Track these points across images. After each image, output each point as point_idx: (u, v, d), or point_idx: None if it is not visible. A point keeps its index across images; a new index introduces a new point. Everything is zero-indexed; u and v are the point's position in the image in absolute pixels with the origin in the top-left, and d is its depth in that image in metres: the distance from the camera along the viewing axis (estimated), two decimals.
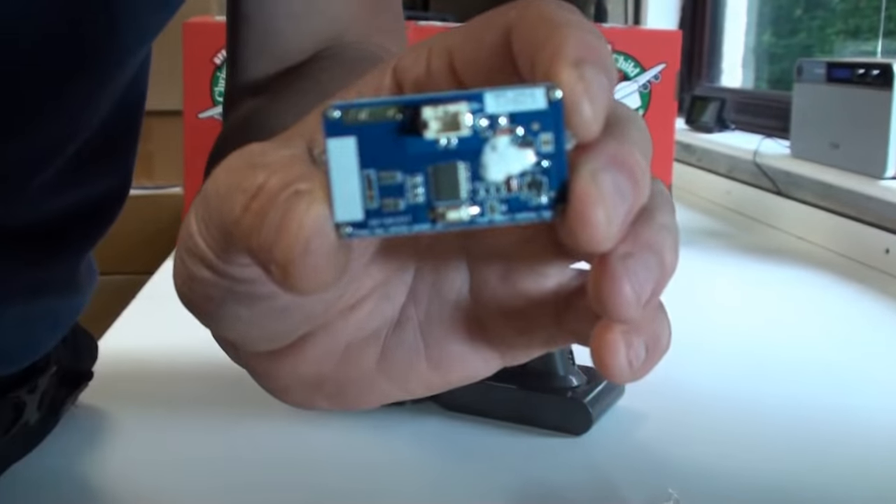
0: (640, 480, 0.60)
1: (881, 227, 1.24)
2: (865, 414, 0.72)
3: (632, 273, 0.22)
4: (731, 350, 0.88)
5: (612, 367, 0.23)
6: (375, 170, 0.21)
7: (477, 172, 0.21)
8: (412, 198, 0.21)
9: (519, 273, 0.27)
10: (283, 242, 0.21)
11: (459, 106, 0.21)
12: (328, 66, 0.49)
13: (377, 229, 0.21)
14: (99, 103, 0.53)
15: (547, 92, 0.21)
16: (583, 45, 0.21)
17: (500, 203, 0.21)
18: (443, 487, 0.59)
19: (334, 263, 0.21)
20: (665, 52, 1.28)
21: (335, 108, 0.21)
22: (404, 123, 0.21)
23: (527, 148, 0.21)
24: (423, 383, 0.29)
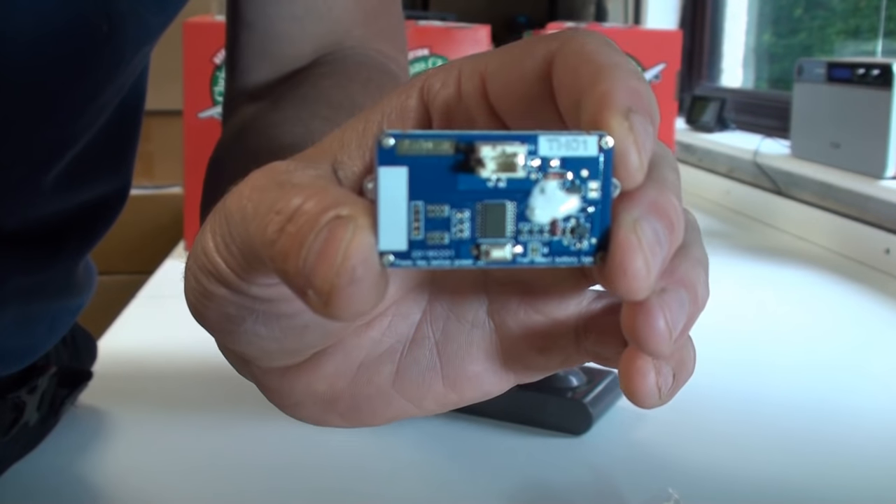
0: (640, 480, 0.60)
1: (881, 227, 1.24)
2: (865, 413, 0.72)
3: (666, 308, 0.22)
4: (731, 350, 0.88)
5: (641, 394, 0.23)
6: (424, 202, 0.21)
7: (523, 213, 0.21)
8: (457, 233, 0.21)
9: (540, 296, 0.27)
10: (324, 269, 0.20)
11: (517, 148, 0.21)
12: (329, 73, 0.48)
13: (420, 261, 0.21)
14: (100, 105, 0.53)
15: (599, 140, 0.21)
16: (631, 92, 0.21)
17: (543, 245, 0.22)
18: (443, 487, 0.59)
19: (375, 292, 0.21)
20: (665, 52, 1.28)
21: (390, 136, 0.21)
22: (459, 160, 0.21)
23: (574, 193, 0.21)
24: (438, 401, 0.28)
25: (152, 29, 0.52)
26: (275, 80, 0.50)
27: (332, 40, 0.51)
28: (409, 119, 0.25)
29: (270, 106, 0.47)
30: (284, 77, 0.50)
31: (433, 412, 0.28)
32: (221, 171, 0.45)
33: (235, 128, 0.49)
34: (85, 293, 0.64)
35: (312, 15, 0.51)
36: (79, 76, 0.49)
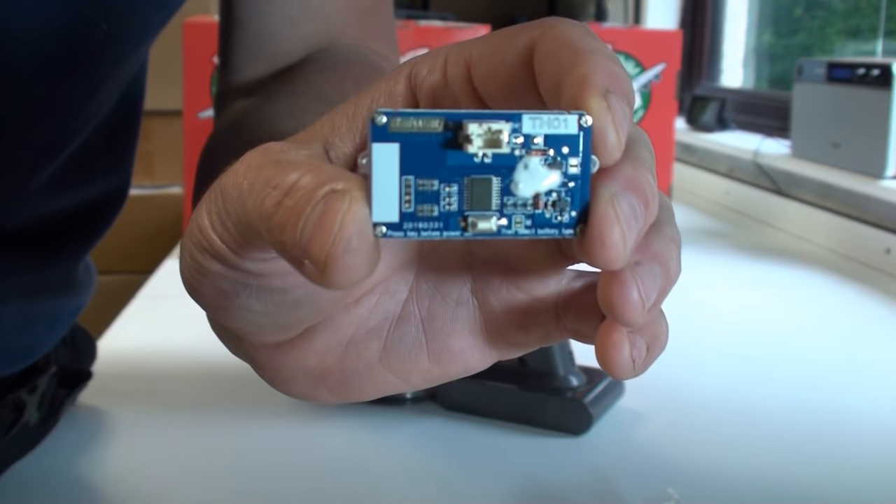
0: (640, 480, 0.60)
1: (881, 227, 1.24)
2: (865, 413, 0.72)
3: (639, 281, 0.24)
4: (731, 350, 0.88)
5: (616, 364, 0.25)
6: (415, 176, 0.22)
7: (508, 188, 0.23)
8: (446, 206, 0.23)
9: (521, 275, 0.28)
10: (321, 239, 0.21)
11: (503, 125, 0.22)
12: (321, 68, 0.49)
13: (410, 232, 0.23)
14: (99, 101, 0.53)
15: (579, 119, 0.22)
16: (609, 74, 0.23)
17: (526, 218, 0.23)
18: (443, 487, 0.59)
19: (369, 261, 0.22)
20: (665, 52, 1.28)
21: (382, 114, 0.22)
22: (448, 137, 0.22)
23: (555, 169, 0.23)
24: (424, 376, 0.29)
25: (151, 27, 0.52)
26: (267, 75, 0.51)
27: (325, 39, 0.51)
28: (397, 103, 0.26)
29: (263, 100, 0.48)
30: (277, 73, 0.51)
31: (419, 387, 0.29)
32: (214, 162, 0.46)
33: (228, 121, 0.49)
34: (85, 293, 0.64)
35: (306, 15, 0.51)
36: (78, 74, 0.49)
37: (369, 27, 0.54)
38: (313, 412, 0.70)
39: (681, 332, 0.94)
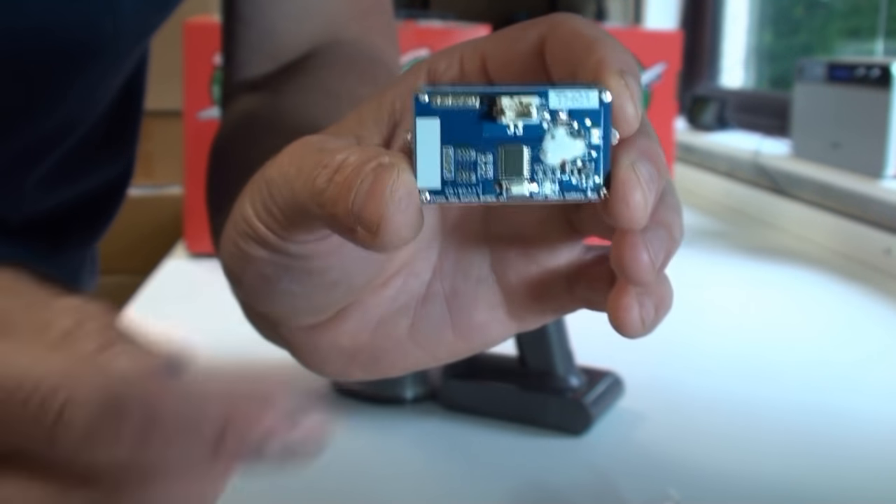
0: (640, 480, 0.60)
1: (881, 227, 1.24)
2: (865, 414, 0.72)
3: (649, 243, 0.26)
4: (731, 350, 0.88)
5: (627, 324, 0.27)
6: (454, 147, 0.25)
7: (537, 156, 0.25)
8: (483, 172, 0.25)
9: (536, 250, 0.30)
10: (373, 204, 0.24)
11: (532, 98, 0.25)
12: (325, 64, 0.50)
13: (451, 196, 0.25)
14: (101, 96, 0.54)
15: (599, 94, 0.25)
16: (621, 58, 0.25)
17: (554, 183, 0.25)
18: (443, 487, 0.59)
19: (416, 223, 0.25)
20: (665, 52, 1.28)
21: (425, 91, 0.25)
22: (483, 110, 0.25)
23: (579, 139, 0.25)
24: (450, 350, 0.31)
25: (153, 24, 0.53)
26: (272, 71, 0.51)
27: (328, 35, 0.52)
28: None
29: (272, 96, 0.49)
30: (282, 68, 0.51)
31: (445, 360, 0.32)
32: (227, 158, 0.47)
33: (237, 117, 0.50)
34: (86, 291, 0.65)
35: (309, 13, 0.52)
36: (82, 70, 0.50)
37: (370, 24, 0.55)
38: None
39: (681, 332, 0.94)
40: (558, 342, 0.68)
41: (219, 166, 0.48)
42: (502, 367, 0.71)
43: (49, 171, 0.54)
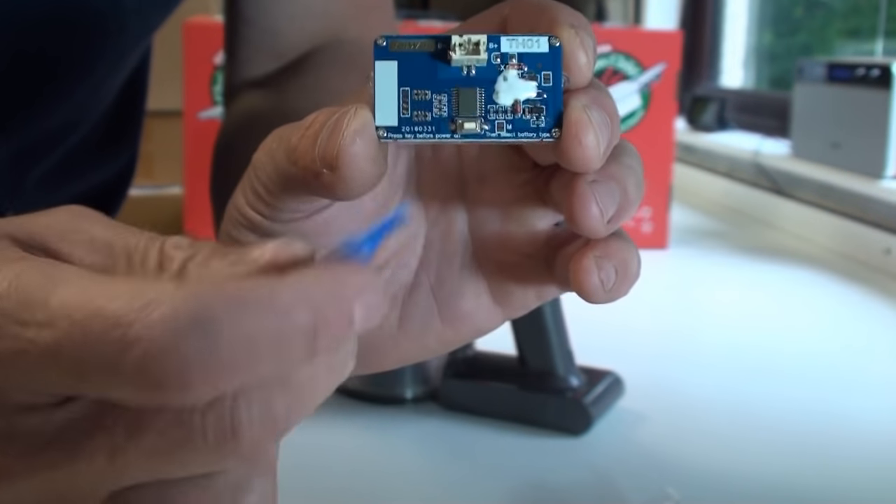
0: (640, 480, 0.60)
1: (881, 227, 1.24)
2: (865, 414, 0.72)
3: (597, 194, 0.27)
4: (731, 350, 0.88)
5: (586, 286, 0.28)
6: (411, 88, 0.26)
7: (490, 97, 0.26)
8: (437, 112, 0.26)
9: (513, 232, 0.31)
10: (332, 141, 0.25)
11: (481, 36, 0.26)
12: (327, 62, 0.51)
13: (407, 134, 0.26)
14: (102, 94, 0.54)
15: (549, 39, 0.26)
16: (573, 15, 0.26)
17: (507, 123, 0.27)
18: (443, 487, 0.59)
19: (376, 161, 0.25)
20: (665, 52, 1.28)
21: (384, 37, 0.26)
22: (437, 52, 0.26)
23: (531, 81, 0.26)
24: (439, 339, 0.32)
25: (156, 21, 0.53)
26: (275, 69, 0.52)
27: (329, 34, 0.53)
28: None
29: (275, 95, 0.49)
30: (284, 66, 0.52)
31: (436, 352, 0.32)
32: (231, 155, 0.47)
33: (241, 114, 0.51)
34: None
35: (311, 13, 0.52)
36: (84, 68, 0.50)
37: (371, 22, 0.55)
38: None
39: (681, 332, 0.94)
40: (558, 342, 0.68)
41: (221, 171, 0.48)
42: (502, 367, 0.71)
43: (51, 170, 0.55)
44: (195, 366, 0.19)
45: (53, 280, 0.21)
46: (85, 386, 0.21)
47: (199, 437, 0.21)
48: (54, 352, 0.20)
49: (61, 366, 0.20)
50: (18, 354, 0.21)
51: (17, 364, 0.21)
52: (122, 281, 0.21)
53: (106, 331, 0.20)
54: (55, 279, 0.21)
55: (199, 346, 0.19)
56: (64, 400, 0.22)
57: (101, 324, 0.20)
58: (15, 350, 0.21)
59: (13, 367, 0.21)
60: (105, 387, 0.20)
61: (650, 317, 0.96)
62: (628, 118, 1.28)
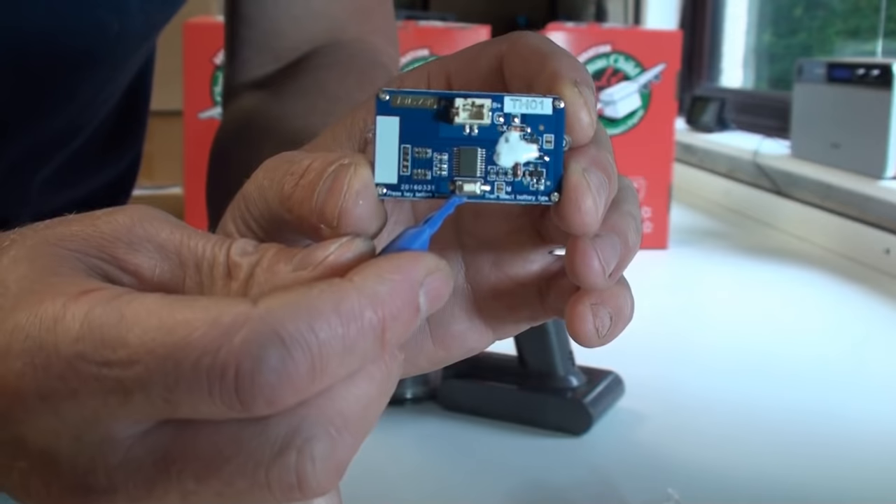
0: (640, 480, 0.60)
1: (881, 227, 1.24)
2: (865, 414, 0.72)
3: (599, 249, 0.27)
4: (731, 350, 0.88)
5: (581, 333, 0.28)
6: (412, 145, 0.26)
7: (491, 158, 0.26)
8: (438, 171, 0.26)
9: (507, 260, 0.31)
10: (333, 199, 0.25)
11: (485, 101, 0.26)
12: (325, 64, 0.51)
13: (406, 192, 0.26)
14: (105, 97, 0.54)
15: (553, 102, 0.26)
16: (576, 69, 0.26)
17: (507, 185, 0.26)
18: (443, 487, 0.59)
19: (375, 216, 0.25)
20: (665, 52, 1.28)
21: (386, 92, 0.26)
22: (440, 111, 0.26)
23: (533, 143, 0.26)
24: (430, 359, 0.32)
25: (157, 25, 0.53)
26: (274, 70, 0.52)
27: (329, 35, 0.53)
28: None
29: (272, 98, 0.49)
30: (283, 67, 0.52)
31: (426, 370, 0.32)
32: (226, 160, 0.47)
33: (238, 117, 0.50)
34: None
35: (311, 14, 0.52)
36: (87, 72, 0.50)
37: (371, 24, 0.55)
38: None
39: (681, 333, 0.94)
40: (558, 342, 0.68)
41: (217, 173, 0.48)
42: (502, 367, 0.71)
43: (56, 172, 0.55)
44: (279, 381, 0.21)
45: (125, 313, 0.22)
46: (173, 413, 0.22)
47: (265, 489, 0.22)
48: (144, 387, 0.21)
49: (150, 399, 0.21)
50: (108, 394, 0.22)
51: (107, 403, 0.22)
52: (194, 304, 0.22)
53: (194, 362, 0.21)
54: (126, 313, 0.22)
55: (281, 363, 0.21)
56: (139, 436, 0.23)
57: (187, 355, 0.21)
58: (104, 390, 0.22)
59: (104, 406, 0.22)
60: (194, 412, 0.22)
61: (650, 317, 0.96)
62: (628, 118, 1.28)
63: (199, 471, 0.22)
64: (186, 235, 0.25)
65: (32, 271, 0.23)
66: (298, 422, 0.22)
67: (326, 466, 0.22)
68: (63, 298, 0.22)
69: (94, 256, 0.25)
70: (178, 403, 0.21)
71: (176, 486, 0.23)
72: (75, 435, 0.22)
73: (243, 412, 0.21)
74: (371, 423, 0.24)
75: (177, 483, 0.23)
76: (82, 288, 0.22)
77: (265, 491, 0.22)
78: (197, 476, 0.22)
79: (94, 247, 0.25)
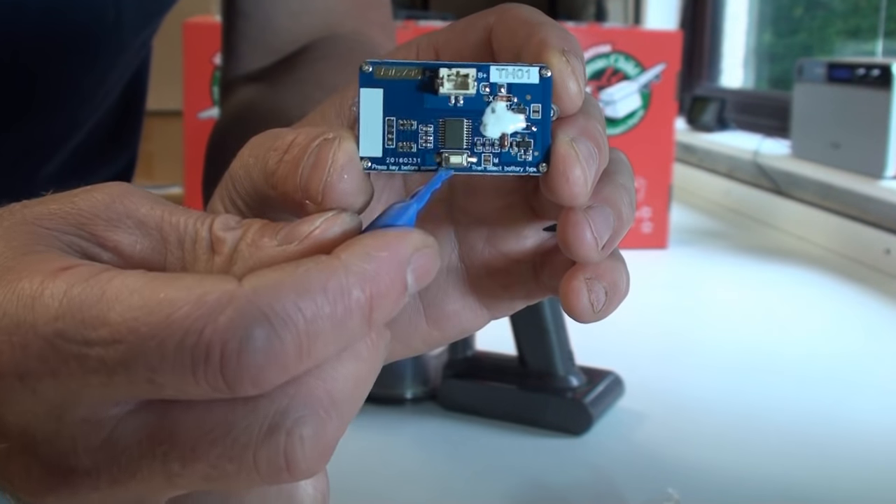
0: (640, 480, 0.60)
1: (881, 227, 1.24)
2: (865, 414, 0.72)
3: (591, 221, 0.26)
4: (731, 350, 0.88)
5: (576, 307, 0.27)
6: (396, 117, 0.25)
7: (477, 129, 0.26)
8: (423, 143, 0.26)
9: (500, 237, 0.31)
10: (317, 174, 0.24)
11: (470, 70, 0.25)
12: (322, 56, 0.51)
13: (392, 166, 0.26)
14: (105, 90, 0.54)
15: (540, 70, 0.25)
16: (563, 38, 0.26)
17: (494, 156, 0.26)
18: (443, 487, 0.59)
19: (360, 191, 0.25)
20: (665, 52, 1.28)
21: (369, 63, 0.25)
22: (424, 81, 0.25)
23: (520, 113, 0.26)
24: (425, 340, 0.32)
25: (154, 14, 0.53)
26: (271, 63, 0.52)
27: (326, 29, 0.53)
28: None
29: (269, 89, 0.49)
30: (281, 60, 0.52)
31: (421, 351, 0.32)
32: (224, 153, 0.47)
33: (235, 110, 0.51)
34: None
35: (308, 7, 0.53)
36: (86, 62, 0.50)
37: (368, 17, 0.55)
38: None
39: (681, 332, 0.94)
40: (558, 342, 0.68)
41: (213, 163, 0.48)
42: (502, 367, 0.71)
43: (58, 169, 0.55)
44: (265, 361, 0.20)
45: (105, 291, 0.21)
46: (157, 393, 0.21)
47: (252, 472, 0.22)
48: (126, 366, 0.21)
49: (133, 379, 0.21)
50: (89, 373, 0.21)
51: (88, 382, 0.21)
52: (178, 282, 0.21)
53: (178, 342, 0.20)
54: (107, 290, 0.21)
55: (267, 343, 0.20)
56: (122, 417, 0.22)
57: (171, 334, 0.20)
58: (85, 370, 0.21)
59: (85, 386, 0.21)
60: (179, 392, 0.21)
61: (650, 317, 0.96)
62: (628, 118, 1.28)
63: (184, 453, 0.22)
64: (168, 211, 0.25)
65: (9, 249, 0.23)
66: (286, 402, 0.22)
67: (315, 447, 0.22)
68: (41, 276, 0.22)
69: (72, 234, 0.24)
70: (162, 384, 0.21)
71: (161, 468, 0.22)
72: (56, 415, 0.22)
73: (229, 393, 0.21)
74: (358, 402, 0.23)
75: (161, 465, 0.22)
76: (61, 265, 0.22)
77: (253, 473, 0.22)
78: (183, 458, 0.22)
79: (72, 224, 0.24)
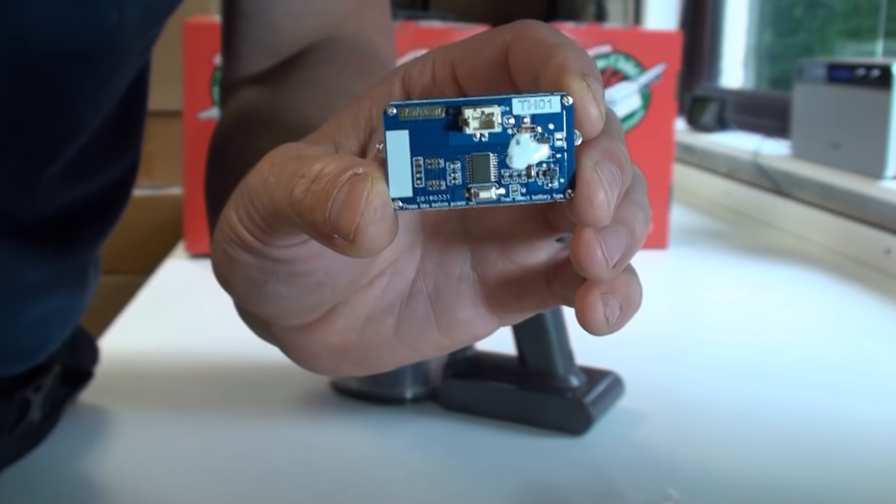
0: (640, 480, 0.60)
1: (881, 227, 1.24)
2: (865, 414, 0.72)
3: (603, 241, 0.27)
4: (731, 350, 0.88)
5: (592, 321, 0.28)
6: (423, 157, 0.26)
7: (504, 161, 0.26)
8: (452, 180, 0.26)
9: (514, 248, 0.31)
10: (349, 214, 0.25)
11: (494, 108, 0.26)
12: (324, 58, 0.51)
13: (423, 204, 0.26)
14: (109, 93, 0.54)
15: (561, 99, 0.26)
16: (582, 61, 0.26)
17: (521, 186, 0.26)
18: (443, 487, 0.60)
19: (391, 230, 0.26)
20: (665, 53, 1.28)
21: (393, 106, 0.26)
22: (449, 121, 0.26)
23: (544, 143, 0.26)
24: (435, 346, 0.32)
25: (158, 17, 0.53)
26: (271, 65, 0.52)
27: (327, 31, 0.53)
28: None
29: (270, 91, 0.49)
30: (282, 62, 0.52)
31: (430, 356, 0.33)
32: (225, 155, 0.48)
33: (236, 112, 0.51)
34: (92, 290, 0.65)
35: (308, 8, 0.53)
36: (90, 64, 0.50)
37: (368, 19, 0.55)
38: (313, 412, 0.70)
39: (681, 333, 0.94)
40: (558, 342, 0.68)
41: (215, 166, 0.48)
42: (502, 367, 0.71)
43: (62, 169, 0.55)
44: None
45: None
46: None
47: None
48: None
49: None
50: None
51: None
52: None
53: None
54: None
55: None
56: None
57: None
58: None
59: None
60: None
61: (650, 317, 0.96)
62: (628, 118, 1.28)
63: None
64: None
65: None
66: None
67: None
68: None
69: None
70: None
71: None
72: None
73: None
74: None
75: None
76: None
77: None
78: None
79: None
